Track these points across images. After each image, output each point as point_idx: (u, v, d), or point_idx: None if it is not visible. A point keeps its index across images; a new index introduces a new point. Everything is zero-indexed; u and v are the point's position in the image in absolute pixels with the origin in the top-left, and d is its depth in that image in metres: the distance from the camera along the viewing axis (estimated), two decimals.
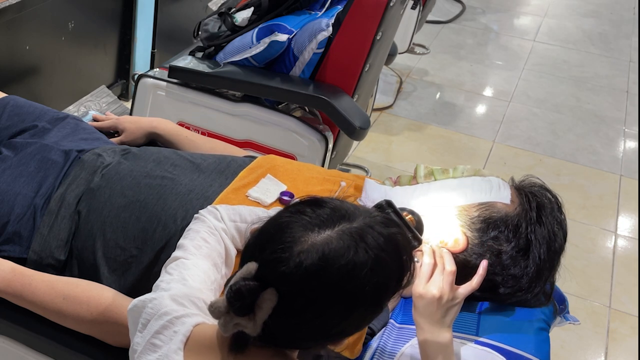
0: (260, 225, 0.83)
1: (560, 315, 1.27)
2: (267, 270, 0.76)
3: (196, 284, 0.96)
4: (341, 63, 1.83)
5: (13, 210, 1.24)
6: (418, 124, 3.23)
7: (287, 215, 0.80)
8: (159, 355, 0.86)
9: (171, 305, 0.90)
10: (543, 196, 1.19)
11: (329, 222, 0.77)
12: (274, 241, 0.77)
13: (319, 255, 0.75)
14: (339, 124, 1.78)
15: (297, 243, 0.76)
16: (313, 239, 0.76)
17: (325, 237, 0.76)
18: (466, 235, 1.15)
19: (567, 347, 2.07)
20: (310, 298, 0.76)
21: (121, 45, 2.80)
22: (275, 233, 0.78)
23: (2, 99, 1.49)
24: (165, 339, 0.87)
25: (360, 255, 0.75)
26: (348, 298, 0.76)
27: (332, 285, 0.75)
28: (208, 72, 1.86)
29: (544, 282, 1.17)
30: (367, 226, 0.77)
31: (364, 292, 0.76)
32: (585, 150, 3.17)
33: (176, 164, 1.29)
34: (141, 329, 0.90)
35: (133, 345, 0.91)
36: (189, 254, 1.02)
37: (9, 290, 1.14)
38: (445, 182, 1.24)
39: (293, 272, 0.75)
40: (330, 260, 0.75)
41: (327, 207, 0.79)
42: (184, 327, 0.87)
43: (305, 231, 0.76)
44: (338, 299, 0.76)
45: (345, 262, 0.74)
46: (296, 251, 0.75)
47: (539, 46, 4.27)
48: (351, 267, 0.75)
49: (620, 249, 2.53)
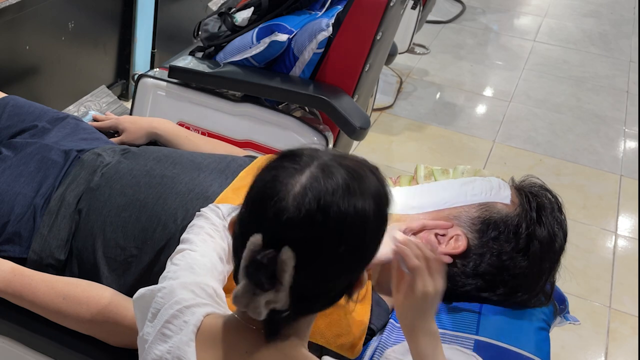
0: (239, 209, 0.83)
1: (560, 315, 1.27)
2: (272, 231, 0.76)
3: (204, 272, 0.95)
4: (341, 63, 1.83)
5: (13, 210, 1.24)
6: (418, 124, 3.23)
7: (267, 175, 0.81)
8: (169, 347, 0.86)
9: (182, 293, 0.90)
10: (543, 196, 1.19)
11: (308, 163, 0.80)
12: (266, 200, 0.77)
13: (313, 192, 0.76)
14: (339, 124, 1.78)
15: (289, 189, 0.77)
16: (301, 181, 0.77)
17: (311, 174, 0.78)
18: (466, 236, 1.15)
19: (567, 347, 2.07)
20: (322, 236, 0.76)
21: (121, 45, 2.80)
22: (264, 194, 0.78)
23: (2, 99, 1.49)
24: (175, 329, 0.87)
25: (346, 177, 0.79)
26: (355, 220, 0.77)
27: (337, 214, 0.76)
28: (208, 72, 1.86)
29: (544, 282, 1.17)
30: (339, 156, 0.82)
31: (365, 210, 0.78)
32: (585, 150, 3.17)
33: (176, 162, 1.29)
34: (151, 318, 0.90)
35: (143, 335, 0.90)
36: (195, 246, 1.02)
37: (9, 290, 1.14)
38: (445, 182, 1.24)
39: (297, 216, 0.75)
40: (325, 192, 0.77)
41: (299, 153, 0.82)
42: (194, 317, 0.87)
43: (292, 177, 0.78)
44: (346, 226, 0.77)
45: (337, 186, 0.77)
46: (291, 196, 0.76)
47: (539, 46, 4.27)
48: (345, 187, 0.77)
49: (620, 249, 2.53)
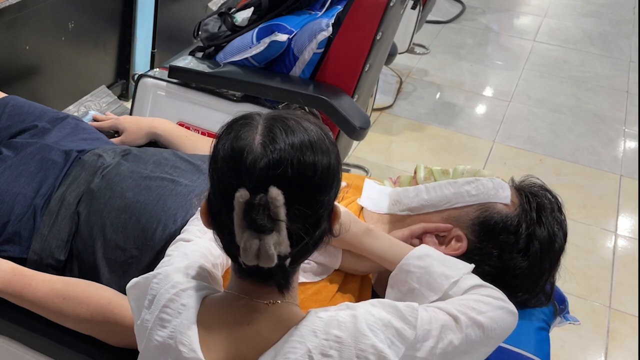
0: (209, 187, 0.86)
1: (560, 315, 1.27)
2: (254, 180, 0.79)
3: (198, 257, 0.97)
4: (341, 63, 1.83)
5: (13, 210, 1.24)
6: (418, 124, 3.23)
7: (225, 139, 0.83)
8: (170, 332, 0.86)
9: (177, 277, 0.91)
10: (543, 196, 1.19)
11: (257, 118, 0.84)
12: (237, 156, 0.80)
13: (276, 134, 0.81)
14: (339, 124, 1.78)
15: (254, 139, 0.81)
16: (260, 131, 0.82)
17: (265, 123, 0.83)
18: (467, 237, 1.15)
19: (567, 347, 2.07)
20: (298, 167, 0.80)
21: (121, 45, 2.80)
22: (233, 152, 0.81)
23: (2, 99, 1.49)
24: (172, 313, 0.87)
25: (294, 117, 0.84)
26: (320, 143, 0.82)
27: (303, 143, 0.81)
28: (208, 72, 1.86)
29: (544, 282, 1.17)
30: (278, 110, 0.88)
31: (322, 133, 0.84)
32: (585, 150, 3.17)
33: (176, 165, 1.29)
34: (148, 305, 0.90)
35: (142, 322, 0.90)
36: (192, 235, 1.04)
37: (9, 290, 1.14)
38: (445, 182, 1.24)
39: (271, 158, 0.79)
40: (285, 130, 0.81)
41: (245, 115, 0.86)
42: (192, 300, 0.88)
43: (251, 131, 0.82)
44: (314, 150, 0.81)
45: (293, 124, 0.82)
46: (258, 144, 0.80)
47: (539, 46, 4.27)
48: (298, 122, 0.83)
49: (620, 249, 2.53)
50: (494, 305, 0.96)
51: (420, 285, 1.01)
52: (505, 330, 0.96)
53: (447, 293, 0.99)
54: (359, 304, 0.88)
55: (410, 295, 1.02)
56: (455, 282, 0.99)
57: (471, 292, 0.98)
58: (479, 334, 0.92)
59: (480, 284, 1.00)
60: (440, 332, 0.88)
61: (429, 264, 1.02)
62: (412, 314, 0.87)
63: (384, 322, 0.85)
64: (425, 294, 1.00)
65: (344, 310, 0.86)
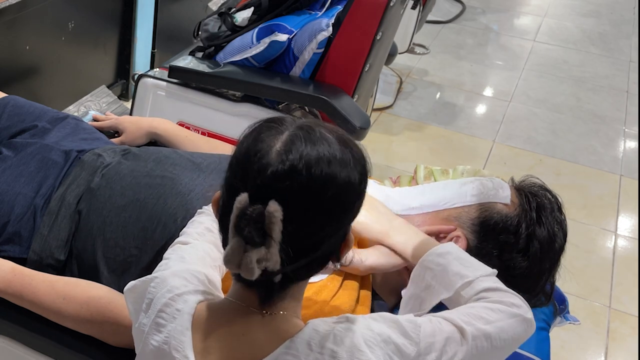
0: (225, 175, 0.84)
1: (560, 315, 1.27)
2: (257, 187, 0.77)
3: (195, 261, 0.96)
4: (341, 63, 1.83)
5: (13, 210, 1.24)
6: (418, 124, 3.23)
7: (249, 137, 0.82)
8: (165, 337, 0.86)
9: (173, 281, 0.90)
10: (543, 196, 1.19)
11: (289, 124, 0.82)
12: (250, 157, 0.79)
13: (296, 146, 0.78)
14: (339, 124, 1.78)
15: (272, 145, 0.78)
16: (282, 138, 0.79)
17: (292, 132, 0.80)
18: (466, 237, 1.15)
19: (567, 347, 2.07)
20: (306, 187, 0.77)
21: (121, 45, 2.80)
22: (248, 152, 0.80)
23: (2, 99, 1.49)
24: (168, 317, 0.87)
25: (324, 133, 0.81)
26: (337, 168, 0.79)
27: (318, 165, 0.78)
28: (208, 72, 1.86)
29: (544, 282, 1.17)
30: (315, 120, 0.87)
31: (346, 159, 0.81)
32: (585, 150, 3.17)
33: (176, 163, 1.29)
34: (145, 308, 0.90)
35: (139, 325, 0.90)
36: (191, 238, 1.02)
37: (9, 290, 1.14)
38: (445, 182, 1.24)
39: (280, 169, 0.76)
40: (306, 145, 0.79)
41: (281, 117, 0.84)
42: (187, 305, 0.87)
43: (274, 136, 0.79)
44: (330, 177, 0.78)
45: (317, 139, 0.79)
46: (274, 151, 0.78)
47: (539, 46, 4.27)
48: (324, 140, 0.80)
49: (620, 249, 2.53)
50: (505, 313, 0.93)
51: (436, 282, 1.00)
52: (516, 339, 0.94)
53: (458, 292, 0.98)
54: (360, 317, 0.86)
55: (427, 291, 1.01)
56: (469, 282, 0.98)
57: (484, 295, 0.96)
58: (486, 345, 0.89)
59: (495, 287, 0.97)
60: (444, 345, 0.86)
61: (447, 262, 1.01)
62: (414, 329, 0.85)
63: (384, 337, 0.83)
64: (438, 290, 1.00)
65: (343, 324, 0.84)
